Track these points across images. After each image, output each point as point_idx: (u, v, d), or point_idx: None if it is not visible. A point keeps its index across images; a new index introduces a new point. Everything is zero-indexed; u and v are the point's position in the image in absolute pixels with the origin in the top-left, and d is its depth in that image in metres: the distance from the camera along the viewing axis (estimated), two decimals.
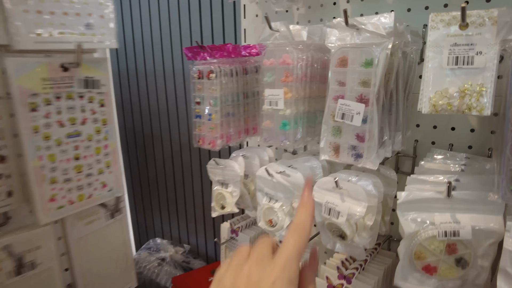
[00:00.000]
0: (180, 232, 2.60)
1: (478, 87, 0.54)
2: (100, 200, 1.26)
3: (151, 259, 2.49)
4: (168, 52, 2.15)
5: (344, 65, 0.70)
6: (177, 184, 2.42)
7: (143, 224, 2.82)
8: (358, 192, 0.72)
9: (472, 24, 0.54)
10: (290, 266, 0.35)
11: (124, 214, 1.37)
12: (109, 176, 1.25)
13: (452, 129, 0.90)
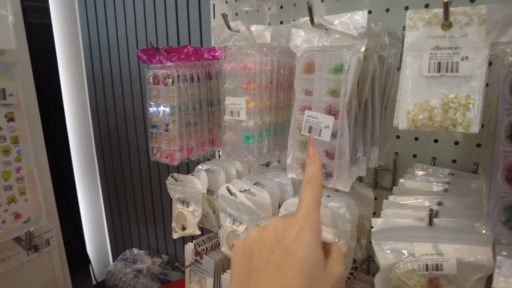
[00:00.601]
0: (158, 242, 2.48)
1: (464, 99, 0.45)
2: (11, 235, 0.98)
3: (127, 271, 2.37)
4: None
5: (311, 71, 0.61)
6: (154, 192, 2.31)
7: (119, 234, 2.69)
8: (327, 217, 0.62)
9: (456, 24, 0.45)
10: (312, 216, 0.37)
11: (54, 246, 1.15)
12: (25, 205, 1.00)
13: (435, 141, 0.82)
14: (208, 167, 0.91)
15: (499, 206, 0.44)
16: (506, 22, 0.41)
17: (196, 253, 0.96)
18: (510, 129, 0.42)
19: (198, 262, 0.95)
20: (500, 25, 0.41)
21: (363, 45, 0.56)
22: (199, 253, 0.94)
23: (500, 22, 0.41)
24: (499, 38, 0.42)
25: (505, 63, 0.40)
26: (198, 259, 0.95)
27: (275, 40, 0.70)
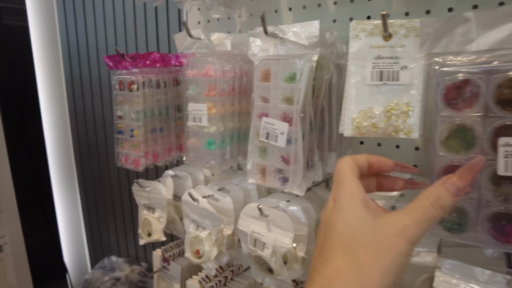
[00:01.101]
0: (137, 249, 2.45)
1: (405, 106, 0.47)
2: None
3: (105, 279, 2.33)
4: None
5: (267, 79, 0.62)
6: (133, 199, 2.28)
7: (98, 242, 2.64)
8: (284, 221, 0.64)
9: (395, 35, 0.48)
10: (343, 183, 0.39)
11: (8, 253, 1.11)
12: None
13: (396, 147, 0.84)
14: (176, 173, 0.91)
15: None
16: (437, 35, 0.43)
17: (163, 259, 0.95)
18: (444, 135, 0.44)
19: (165, 268, 0.95)
20: (431, 38, 0.43)
21: (315, 54, 0.58)
22: (167, 259, 0.94)
23: (431, 35, 0.43)
24: (432, 49, 0.44)
25: (437, 72, 0.42)
26: (166, 265, 0.95)
27: (236, 48, 0.71)
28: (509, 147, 0.39)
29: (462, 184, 0.35)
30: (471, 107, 0.42)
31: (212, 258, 0.76)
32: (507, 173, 0.39)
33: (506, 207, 0.40)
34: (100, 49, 2.12)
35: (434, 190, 0.35)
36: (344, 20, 0.88)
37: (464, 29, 0.42)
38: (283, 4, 0.95)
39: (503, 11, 0.40)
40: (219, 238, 0.77)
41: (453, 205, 0.35)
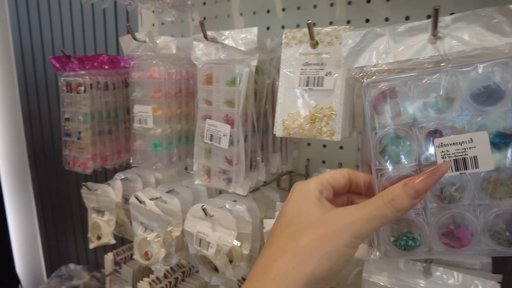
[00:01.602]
0: (97, 256, 2.37)
1: (328, 110, 0.50)
2: None
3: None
4: None
5: (210, 82, 0.64)
6: None
7: (55, 249, 2.54)
8: (228, 220, 0.66)
9: (321, 43, 0.51)
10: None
11: None
12: None
13: (340, 148, 0.89)
14: (126, 176, 0.90)
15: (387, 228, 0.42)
16: (358, 49, 0.46)
17: (115, 262, 0.94)
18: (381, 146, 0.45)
19: (117, 271, 0.94)
20: (354, 52, 0.46)
21: (254, 60, 0.61)
22: (118, 262, 0.93)
23: (354, 48, 0.47)
24: (354, 63, 0.47)
25: (363, 84, 0.45)
26: (117, 269, 0.94)
27: (182, 51, 0.72)
28: (444, 147, 0.39)
29: (421, 187, 0.35)
30: (401, 115, 0.43)
31: (160, 260, 0.76)
32: (448, 174, 0.39)
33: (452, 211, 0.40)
34: (46, 49, 2.05)
35: (392, 190, 0.35)
36: (292, 26, 0.91)
37: (380, 43, 0.46)
38: (235, 9, 0.98)
39: (411, 26, 0.45)
40: (167, 239, 0.77)
41: (409, 207, 0.35)
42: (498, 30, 0.41)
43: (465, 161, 0.38)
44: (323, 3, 0.84)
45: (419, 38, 0.45)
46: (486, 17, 0.42)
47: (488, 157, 0.37)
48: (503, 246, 0.37)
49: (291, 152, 0.82)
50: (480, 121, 0.38)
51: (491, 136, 0.37)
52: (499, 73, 0.38)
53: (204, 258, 0.70)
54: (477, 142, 0.37)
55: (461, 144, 0.38)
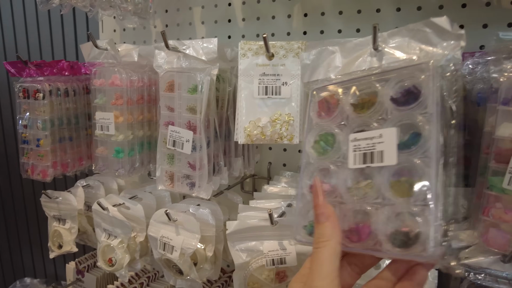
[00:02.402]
0: (56, 267, 2.27)
1: (287, 116, 0.54)
2: None
3: None
4: None
5: (172, 90, 0.66)
6: None
7: (8, 262, 2.40)
8: (191, 224, 0.68)
9: (277, 55, 0.55)
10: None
11: None
12: None
13: (299, 151, 0.94)
14: (88, 183, 0.90)
15: (302, 214, 0.45)
16: (313, 65, 0.50)
17: (77, 271, 0.93)
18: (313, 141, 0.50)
19: (80, 280, 0.93)
20: (310, 68, 0.50)
21: (215, 69, 0.64)
22: (81, 271, 0.92)
23: (309, 66, 0.51)
24: (311, 78, 0.51)
25: (310, 91, 0.49)
26: (80, 278, 0.92)
27: (144, 59, 0.74)
28: (357, 142, 0.42)
29: (321, 210, 0.37)
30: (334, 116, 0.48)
31: (124, 266, 0.77)
32: (355, 166, 0.41)
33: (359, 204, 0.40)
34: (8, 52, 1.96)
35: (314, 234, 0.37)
36: (252, 35, 0.95)
37: (333, 59, 0.50)
38: (197, 17, 1.00)
39: (357, 43, 0.50)
40: (131, 245, 0.78)
41: (333, 228, 0.36)
42: (426, 41, 0.45)
43: (372, 155, 0.40)
44: (281, 14, 0.89)
45: (363, 52, 0.50)
46: (415, 30, 0.47)
47: (393, 152, 0.38)
48: (398, 248, 0.36)
49: (253, 156, 0.85)
50: (395, 120, 0.40)
51: (403, 134, 0.39)
52: (417, 76, 0.41)
53: (169, 262, 0.71)
54: (386, 137, 0.39)
55: (371, 139, 0.40)
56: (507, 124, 0.48)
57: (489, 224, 0.50)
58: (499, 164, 0.49)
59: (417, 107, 0.39)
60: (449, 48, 0.43)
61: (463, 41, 0.43)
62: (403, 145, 0.38)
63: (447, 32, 0.43)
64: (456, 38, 0.43)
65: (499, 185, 0.48)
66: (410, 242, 0.36)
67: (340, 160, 0.44)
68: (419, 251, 0.35)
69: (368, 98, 0.44)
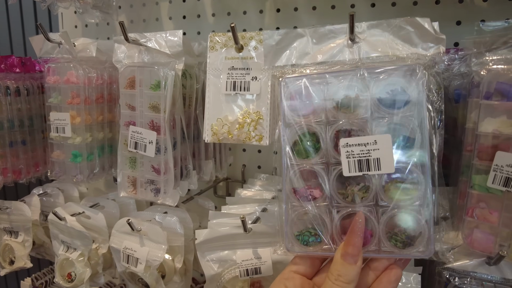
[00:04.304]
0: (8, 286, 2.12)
1: (256, 115, 0.49)
2: None
3: None
4: None
5: (132, 86, 0.60)
6: None
7: None
8: (157, 233, 0.62)
9: (246, 47, 0.50)
10: None
11: None
12: None
13: (275, 152, 0.89)
14: (46, 191, 0.82)
15: (290, 224, 0.42)
16: (278, 48, 0.46)
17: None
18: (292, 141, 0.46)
19: None
20: (274, 50, 0.46)
21: (180, 63, 0.58)
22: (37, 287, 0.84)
23: (273, 47, 0.47)
24: (275, 62, 0.47)
25: (280, 81, 0.45)
26: None
27: (104, 55, 0.67)
28: (349, 148, 0.40)
29: (356, 251, 0.35)
30: (314, 113, 0.44)
31: (85, 281, 0.70)
32: (351, 173, 0.40)
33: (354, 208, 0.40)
34: None
35: (334, 267, 0.36)
36: (222, 31, 0.89)
37: (301, 43, 0.47)
38: (164, 13, 0.94)
39: (329, 29, 0.46)
40: (93, 258, 0.71)
41: (357, 273, 0.35)
42: (407, 40, 0.43)
43: (368, 162, 0.39)
44: (253, 9, 0.85)
45: (338, 41, 0.46)
46: (397, 26, 0.44)
47: (390, 160, 0.37)
48: (398, 249, 0.38)
49: (225, 159, 0.80)
50: (386, 124, 0.39)
51: (396, 139, 0.38)
52: (405, 80, 0.40)
53: (134, 276, 0.65)
54: (381, 144, 0.38)
55: (366, 146, 0.39)
56: (490, 119, 0.45)
57: (474, 225, 0.48)
58: (482, 161, 0.46)
59: (406, 111, 0.38)
60: (430, 50, 0.42)
61: (443, 46, 0.42)
62: (396, 149, 0.38)
63: (430, 34, 0.42)
64: (437, 41, 0.42)
65: (483, 184, 0.46)
66: (411, 242, 0.38)
67: (324, 161, 0.42)
68: (419, 249, 0.37)
69: (353, 97, 0.41)
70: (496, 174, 0.44)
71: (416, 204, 0.38)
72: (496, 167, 0.44)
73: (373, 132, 0.40)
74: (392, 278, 0.38)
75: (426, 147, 0.38)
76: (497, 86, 0.44)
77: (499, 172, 0.44)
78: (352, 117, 0.41)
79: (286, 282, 0.40)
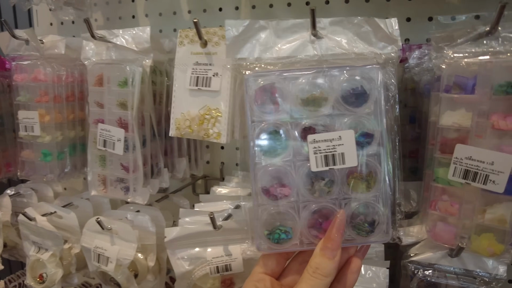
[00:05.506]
0: None
1: (215, 112, 0.49)
2: None
3: None
4: None
5: (101, 84, 0.59)
6: None
7: None
8: (127, 232, 0.61)
9: (209, 42, 0.50)
10: None
11: None
12: None
13: (237, 149, 0.89)
14: (19, 191, 0.81)
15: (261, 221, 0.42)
16: (242, 39, 0.46)
17: None
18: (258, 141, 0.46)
19: None
20: (237, 41, 0.46)
21: (149, 59, 0.58)
22: None
23: (236, 38, 0.46)
24: (237, 54, 0.46)
25: (245, 77, 0.45)
26: None
27: (74, 52, 0.67)
28: (317, 143, 0.40)
29: (335, 246, 0.37)
30: (279, 110, 0.44)
31: (57, 281, 0.69)
32: (318, 168, 0.40)
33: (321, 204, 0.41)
34: None
35: (313, 260, 0.37)
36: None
37: (263, 36, 0.46)
38: (140, 10, 0.94)
39: (293, 23, 0.46)
40: (65, 258, 0.70)
41: (335, 268, 0.36)
42: (366, 39, 0.44)
43: (334, 157, 0.40)
44: (229, 6, 0.84)
45: (300, 35, 0.46)
46: (357, 25, 0.44)
47: (353, 154, 0.39)
48: (362, 237, 0.40)
49: (201, 156, 0.80)
50: (348, 121, 0.40)
51: (357, 135, 0.40)
52: (365, 78, 0.40)
53: (105, 275, 0.64)
54: (345, 139, 0.39)
55: (331, 141, 0.39)
56: (450, 112, 0.45)
57: (437, 218, 0.48)
58: (444, 154, 0.46)
59: (366, 108, 0.40)
60: (385, 50, 0.43)
61: (396, 46, 0.43)
62: (357, 145, 0.39)
63: (386, 34, 0.43)
64: (392, 42, 0.43)
65: (445, 177, 0.46)
66: (373, 230, 0.40)
67: (291, 159, 0.42)
68: (380, 236, 0.40)
69: (319, 95, 0.42)
70: (456, 166, 0.45)
71: (375, 195, 0.40)
72: (456, 160, 0.45)
73: (337, 128, 0.40)
74: (354, 269, 0.39)
75: (384, 142, 0.40)
76: (456, 79, 0.44)
77: (459, 164, 0.45)
78: (317, 114, 0.42)
79: (257, 284, 0.40)
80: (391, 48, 0.43)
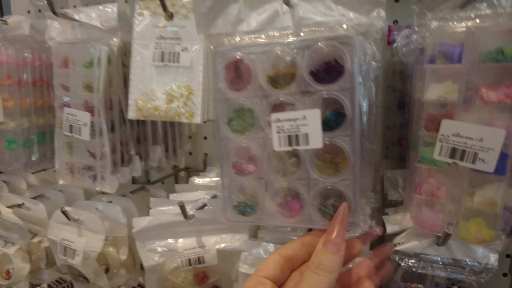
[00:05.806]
0: None
1: (186, 89, 0.45)
2: None
3: None
4: None
5: (66, 65, 0.56)
6: None
7: None
8: (95, 223, 0.57)
9: (177, 15, 0.46)
10: None
11: None
12: None
13: (205, 138, 0.86)
14: None
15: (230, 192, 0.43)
16: (211, 14, 0.42)
17: None
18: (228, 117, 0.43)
19: None
20: (206, 17, 0.42)
21: (116, 38, 0.54)
22: None
23: (206, 15, 0.43)
24: (208, 30, 0.43)
25: (213, 52, 0.41)
26: None
27: (41, 34, 0.63)
28: (280, 123, 0.39)
29: (339, 240, 0.34)
30: (248, 87, 0.41)
31: (24, 276, 0.65)
32: (281, 148, 0.39)
33: (287, 182, 0.40)
34: None
35: (315, 256, 0.34)
36: None
37: (234, 9, 0.43)
38: None
39: None
40: (34, 252, 0.66)
41: (340, 263, 0.34)
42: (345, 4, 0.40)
43: (297, 138, 0.37)
44: None
45: (272, 5, 0.42)
46: None
47: (318, 135, 0.36)
48: (326, 219, 0.37)
49: (180, 146, 0.76)
50: (317, 98, 0.37)
51: (329, 114, 0.36)
52: (339, 50, 0.36)
53: (72, 269, 0.60)
54: (310, 119, 0.36)
55: (295, 121, 0.37)
56: (435, 85, 0.42)
57: (422, 203, 0.44)
58: (429, 132, 0.42)
59: (340, 84, 0.36)
60: (370, 15, 0.38)
61: (382, 9, 0.38)
62: (326, 125, 0.36)
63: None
64: (376, 4, 0.38)
65: (430, 157, 0.42)
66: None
67: (260, 136, 0.40)
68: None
69: (286, 71, 0.39)
70: (443, 145, 0.41)
71: (342, 178, 0.37)
72: (442, 137, 0.41)
73: (304, 107, 0.37)
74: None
75: (357, 122, 0.36)
76: (440, 47, 0.40)
77: (445, 142, 0.41)
78: (284, 92, 0.39)
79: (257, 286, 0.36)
80: (377, 12, 0.39)
